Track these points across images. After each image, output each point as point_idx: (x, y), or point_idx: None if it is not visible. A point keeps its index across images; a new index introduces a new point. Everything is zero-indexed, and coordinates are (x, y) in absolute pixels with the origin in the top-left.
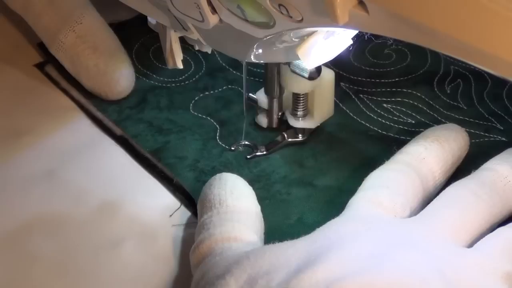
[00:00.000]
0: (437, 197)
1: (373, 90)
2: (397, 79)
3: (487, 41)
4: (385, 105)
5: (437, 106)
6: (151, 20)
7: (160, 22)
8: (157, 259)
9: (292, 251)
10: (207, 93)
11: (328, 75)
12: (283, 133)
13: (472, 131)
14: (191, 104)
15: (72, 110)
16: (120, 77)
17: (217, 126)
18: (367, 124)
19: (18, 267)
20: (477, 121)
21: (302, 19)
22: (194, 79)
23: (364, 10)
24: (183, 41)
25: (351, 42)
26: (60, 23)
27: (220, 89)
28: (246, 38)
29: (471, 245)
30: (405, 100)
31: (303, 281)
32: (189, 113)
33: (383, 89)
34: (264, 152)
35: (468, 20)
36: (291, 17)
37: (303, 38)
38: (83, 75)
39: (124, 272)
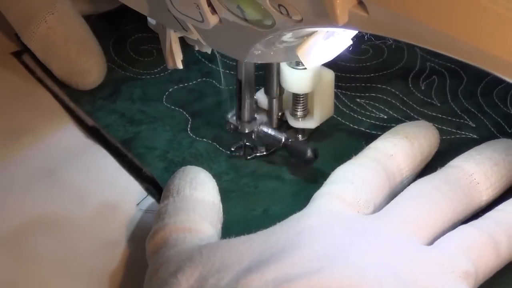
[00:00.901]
0: (401, 193)
1: (348, 85)
2: (372, 74)
3: (487, 41)
4: (358, 100)
5: (411, 102)
6: (151, 21)
7: (159, 22)
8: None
9: (245, 247)
10: (181, 85)
11: (328, 75)
12: (283, 133)
13: (444, 127)
14: (164, 96)
15: (47, 99)
16: (91, 68)
17: (189, 118)
18: (338, 118)
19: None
20: (449, 118)
21: (302, 19)
22: (169, 71)
23: (364, 10)
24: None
25: (351, 42)
26: (32, 13)
27: (194, 82)
28: (246, 38)
29: (433, 242)
30: (378, 95)
31: (253, 281)
32: (162, 105)
33: (358, 84)
34: (264, 153)
35: (468, 20)
36: (291, 17)
37: (303, 38)
38: (55, 65)
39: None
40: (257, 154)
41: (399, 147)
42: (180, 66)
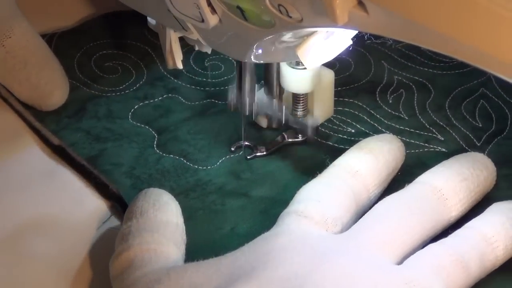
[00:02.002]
0: (369, 211)
1: None
2: (339, 88)
3: (486, 41)
4: None
5: (378, 116)
6: (151, 21)
7: (160, 22)
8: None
9: (214, 269)
10: (146, 102)
11: (328, 75)
12: (283, 133)
13: (412, 141)
14: (130, 113)
15: (11, 119)
16: (53, 90)
17: (155, 134)
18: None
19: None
20: (417, 131)
21: (301, 20)
22: (134, 88)
23: (364, 10)
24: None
25: (351, 42)
26: None
27: (159, 98)
28: (246, 38)
29: (402, 261)
30: (346, 109)
31: None
32: (128, 122)
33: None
34: (264, 153)
35: (467, 20)
36: (290, 17)
37: (303, 38)
38: (16, 90)
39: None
40: (257, 154)
41: (364, 163)
42: (180, 66)
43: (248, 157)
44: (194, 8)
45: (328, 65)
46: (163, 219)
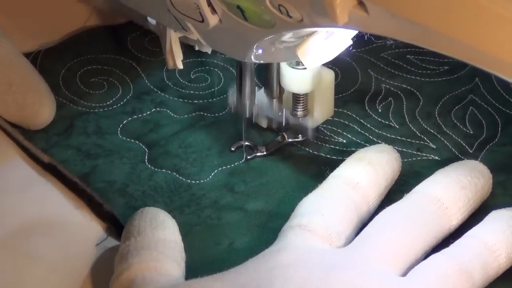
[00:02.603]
0: (371, 223)
1: None
2: None
3: (486, 42)
4: None
5: (369, 125)
6: (151, 21)
7: (160, 23)
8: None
9: (218, 286)
10: (135, 116)
11: (328, 75)
12: (283, 133)
13: (404, 150)
14: (119, 129)
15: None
16: (40, 109)
17: (146, 149)
18: (298, 145)
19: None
20: (409, 140)
21: (302, 20)
22: (121, 103)
23: (364, 10)
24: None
25: (351, 42)
26: None
27: (148, 112)
28: (246, 39)
29: (406, 272)
30: (335, 119)
31: None
32: (117, 138)
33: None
34: (264, 153)
35: (467, 20)
36: (291, 17)
37: (303, 38)
38: (2, 111)
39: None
40: (257, 154)
41: (364, 175)
42: (180, 66)
43: (248, 157)
44: (194, 8)
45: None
46: (161, 237)
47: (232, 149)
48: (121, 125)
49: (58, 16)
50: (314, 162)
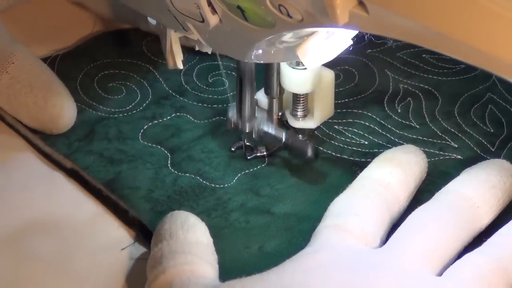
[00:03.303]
0: (404, 223)
1: None
2: (346, 99)
3: (486, 42)
4: (336, 126)
5: (390, 126)
6: (151, 21)
7: (160, 23)
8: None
9: (258, 287)
10: (155, 121)
11: (328, 75)
12: (284, 131)
13: (427, 150)
14: (140, 134)
15: (19, 145)
16: (61, 111)
17: (168, 154)
18: (320, 148)
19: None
20: (430, 139)
21: (302, 20)
22: (141, 108)
23: (364, 10)
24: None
25: (351, 42)
26: None
27: (168, 117)
28: (246, 39)
29: (441, 271)
30: (356, 121)
31: None
32: (139, 143)
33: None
34: (264, 153)
35: (467, 20)
36: (291, 17)
37: (303, 38)
38: (24, 115)
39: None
40: (257, 154)
41: (394, 176)
42: (180, 66)
43: (248, 157)
44: (195, 8)
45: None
46: (193, 240)
47: (232, 149)
48: (142, 130)
49: (69, 21)
50: (337, 164)
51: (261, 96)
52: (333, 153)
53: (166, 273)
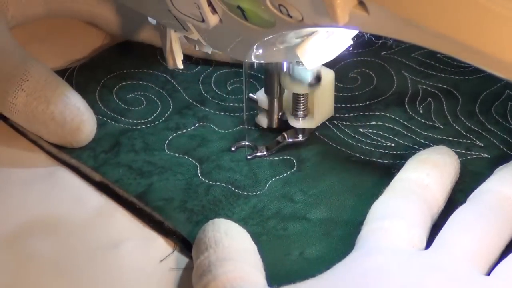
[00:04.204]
0: (447, 223)
1: (346, 115)
2: (367, 102)
3: (486, 41)
4: (361, 129)
5: (414, 127)
6: (151, 21)
7: (160, 22)
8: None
9: None
10: (179, 132)
11: (328, 75)
12: (284, 133)
13: (454, 150)
14: (165, 145)
15: (45, 161)
16: (80, 124)
17: (196, 163)
18: (348, 151)
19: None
20: (456, 139)
21: (302, 19)
22: (163, 118)
23: (364, 10)
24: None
25: (351, 42)
26: (6, 85)
27: (192, 127)
28: (246, 38)
29: (488, 271)
30: (380, 123)
31: None
32: (166, 154)
33: (356, 114)
34: (265, 153)
35: (467, 20)
36: (291, 17)
37: (303, 38)
38: (43, 131)
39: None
40: (257, 154)
41: (432, 177)
42: (180, 66)
43: (249, 157)
44: (195, 8)
45: (351, 79)
46: (239, 247)
47: (233, 149)
48: (167, 141)
49: (82, 32)
50: (367, 167)
51: (261, 96)
52: (362, 156)
53: (216, 280)
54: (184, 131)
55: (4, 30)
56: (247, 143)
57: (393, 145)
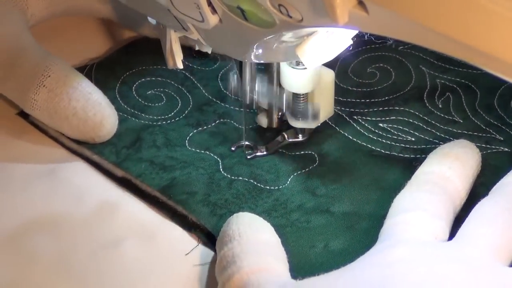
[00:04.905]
0: (470, 216)
1: (366, 110)
2: (386, 97)
3: (486, 42)
4: (381, 124)
5: (433, 122)
6: (151, 20)
7: (160, 22)
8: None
9: (341, 283)
10: (200, 129)
11: (328, 75)
12: (283, 133)
13: (474, 143)
14: (186, 141)
15: (67, 158)
16: (102, 120)
17: (218, 159)
18: (368, 146)
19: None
20: (475, 133)
21: (302, 19)
22: (183, 115)
23: (364, 10)
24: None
25: (351, 42)
26: (28, 82)
27: (213, 124)
28: (246, 38)
29: (511, 263)
30: (399, 118)
31: None
32: (187, 149)
33: (376, 109)
34: (265, 153)
35: (468, 20)
36: (291, 17)
37: (303, 38)
38: (65, 127)
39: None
40: (257, 154)
41: (454, 170)
42: (180, 66)
43: (248, 157)
44: (194, 8)
45: (369, 74)
46: (264, 239)
47: (233, 148)
48: (188, 137)
49: (100, 29)
50: (388, 161)
51: (261, 85)
52: (382, 151)
53: (240, 272)
54: (205, 127)
55: (24, 28)
56: (246, 142)
57: (413, 139)
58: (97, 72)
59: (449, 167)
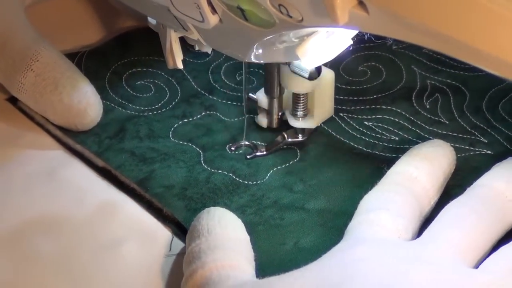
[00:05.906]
0: (438, 216)
1: (353, 108)
2: (375, 96)
3: (487, 42)
4: (366, 122)
5: (419, 122)
6: (151, 20)
7: (160, 22)
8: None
9: (301, 282)
10: (185, 120)
11: (328, 75)
12: (283, 133)
13: (457, 145)
14: (170, 132)
15: (50, 144)
16: (87, 107)
17: (200, 151)
18: (351, 143)
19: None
20: (460, 135)
21: (302, 19)
22: (170, 106)
23: (364, 10)
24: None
25: (351, 42)
26: (16, 64)
27: (198, 116)
28: (246, 38)
29: (477, 265)
30: (385, 117)
31: None
32: (170, 141)
33: (363, 107)
34: (264, 153)
35: (468, 20)
36: (291, 17)
37: (303, 38)
38: (50, 112)
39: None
40: (257, 154)
41: (421, 169)
42: (180, 65)
43: (248, 157)
44: (195, 8)
45: (360, 72)
46: (232, 236)
47: (232, 148)
48: (172, 129)
49: (96, 17)
50: (368, 160)
51: (261, 96)
52: (365, 149)
53: (205, 268)
54: (191, 119)
55: (19, 9)
56: (246, 142)
57: (397, 138)
58: (88, 60)
59: (416, 167)
